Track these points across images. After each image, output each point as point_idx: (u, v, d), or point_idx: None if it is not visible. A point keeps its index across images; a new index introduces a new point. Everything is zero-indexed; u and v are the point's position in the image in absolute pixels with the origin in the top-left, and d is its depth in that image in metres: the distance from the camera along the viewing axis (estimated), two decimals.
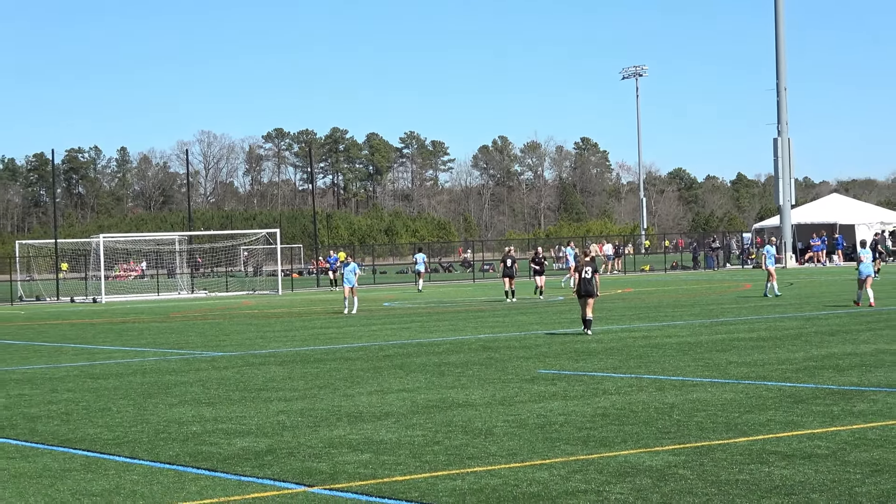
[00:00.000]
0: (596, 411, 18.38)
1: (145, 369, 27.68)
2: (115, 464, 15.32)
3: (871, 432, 15.73)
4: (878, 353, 25.81)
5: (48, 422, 19.38)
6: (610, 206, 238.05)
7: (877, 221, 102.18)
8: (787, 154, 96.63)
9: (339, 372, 25.56)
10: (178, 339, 37.45)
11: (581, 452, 14.92)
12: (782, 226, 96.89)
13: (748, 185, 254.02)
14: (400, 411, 19.16)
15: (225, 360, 29.25)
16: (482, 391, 21.36)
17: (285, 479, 13.89)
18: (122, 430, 18.19)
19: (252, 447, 16.14)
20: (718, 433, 16.02)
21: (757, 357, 25.69)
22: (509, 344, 31.13)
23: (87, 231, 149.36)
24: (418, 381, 23.36)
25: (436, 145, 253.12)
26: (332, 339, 34.66)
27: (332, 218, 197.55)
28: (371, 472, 14.09)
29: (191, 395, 22.36)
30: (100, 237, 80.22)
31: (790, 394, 19.77)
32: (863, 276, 41.03)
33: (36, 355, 32.75)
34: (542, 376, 23.42)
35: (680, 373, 23.27)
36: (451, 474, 13.83)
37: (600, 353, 27.81)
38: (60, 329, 44.98)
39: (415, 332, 36.74)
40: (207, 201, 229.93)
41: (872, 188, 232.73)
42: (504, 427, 17.14)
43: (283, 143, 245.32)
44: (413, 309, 50.80)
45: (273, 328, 40.93)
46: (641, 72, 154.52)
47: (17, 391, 23.84)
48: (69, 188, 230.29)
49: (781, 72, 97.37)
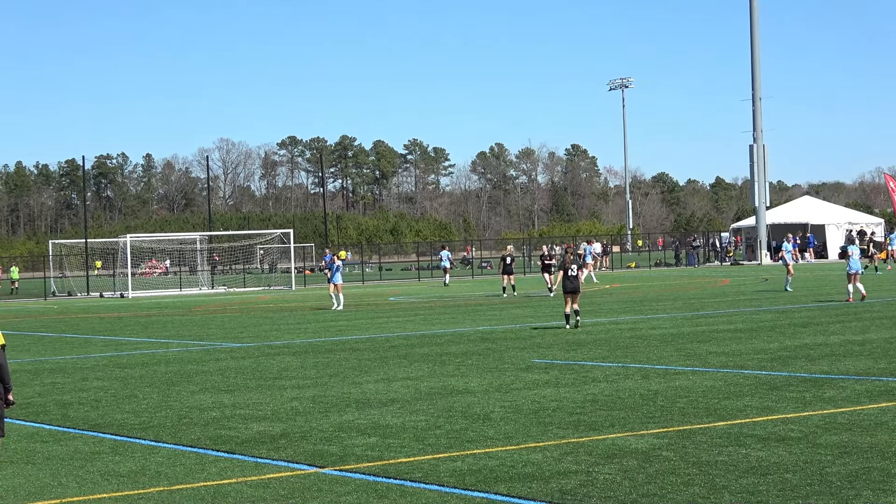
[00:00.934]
0: (586, 398, 18.36)
1: (169, 359, 27.66)
2: (141, 447, 15.31)
3: (840, 417, 15.71)
4: (847, 343, 25.78)
5: (79, 408, 19.37)
6: (598, 207, 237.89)
7: (845, 222, 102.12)
8: (762, 159, 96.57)
9: (347, 361, 25.54)
10: (199, 331, 37.42)
11: (572, 436, 14.90)
12: (758, 226, 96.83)
13: (726, 188, 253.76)
14: (404, 398, 19.14)
15: (242, 351, 29.22)
16: (480, 379, 21.33)
17: (298, 461, 13.88)
18: (148, 415, 18.18)
19: (268, 431, 16.12)
20: (699, 418, 16.00)
21: (735, 347, 25.66)
22: (506, 335, 31.09)
23: (114, 231, 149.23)
24: (421, 369, 23.34)
25: (437, 152, 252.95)
26: (341, 332, 34.62)
27: (342, 219, 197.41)
28: (378, 455, 14.08)
29: (211, 383, 22.34)
30: (127, 237, 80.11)
31: (765, 381, 19.75)
32: (852, 271, 40.92)
33: (68, 346, 32.73)
34: (536, 365, 23.40)
35: (663, 362, 23.24)
36: (452, 456, 13.81)
37: (590, 343, 27.78)
38: (90, 322, 44.94)
39: (418, 324, 36.70)
40: (226, 204, 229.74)
41: (841, 191, 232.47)
42: (501, 412, 17.12)
43: (296, 150, 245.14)
44: (416, 303, 50.76)
45: (287, 321, 40.89)
46: (627, 83, 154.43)
47: (51, 380, 23.82)
48: (98, 192, 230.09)
49: (757, 83, 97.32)
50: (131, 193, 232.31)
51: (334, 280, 46.97)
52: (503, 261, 54.88)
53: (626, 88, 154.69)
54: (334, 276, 47.04)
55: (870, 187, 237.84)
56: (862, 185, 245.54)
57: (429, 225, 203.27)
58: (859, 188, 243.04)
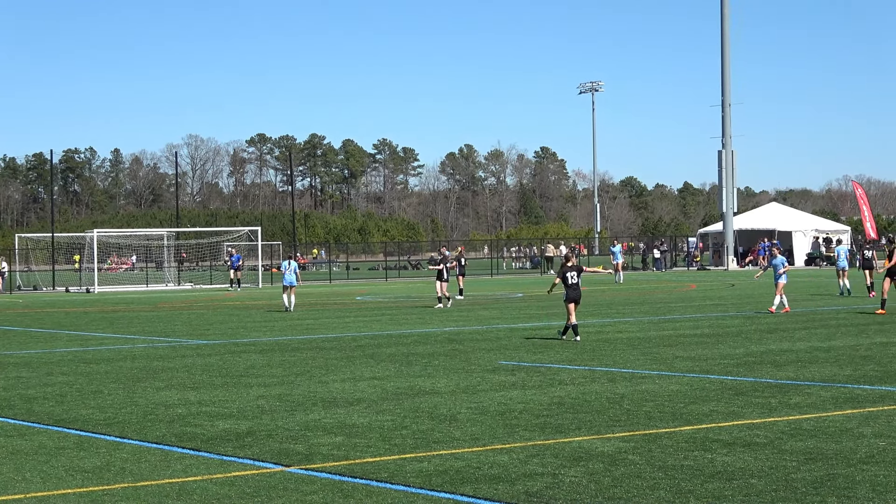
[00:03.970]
0: (552, 400, 18.37)
1: (135, 355, 27.56)
2: (106, 443, 15.24)
3: (805, 423, 15.77)
4: (813, 350, 25.88)
5: (44, 403, 19.27)
6: (566, 210, 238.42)
7: (812, 229, 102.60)
8: (731, 165, 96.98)
9: (314, 360, 25.50)
10: (165, 327, 37.30)
11: (538, 438, 14.90)
12: (725, 231, 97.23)
13: (694, 194, 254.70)
14: (371, 398, 19.11)
15: (209, 348, 29.14)
16: (447, 380, 21.33)
17: (264, 459, 13.84)
18: (113, 411, 18.10)
19: (233, 429, 16.07)
20: (665, 422, 16.03)
21: (701, 352, 25.72)
22: (473, 337, 31.10)
23: (81, 226, 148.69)
24: (388, 369, 23.31)
25: (406, 152, 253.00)
26: (308, 330, 34.57)
27: (310, 218, 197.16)
28: (344, 454, 14.05)
29: (177, 379, 22.26)
30: (93, 232, 79.79)
31: (731, 386, 19.80)
32: (839, 267, 42.08)
33: (33, 341, 32.57)
34: (502, 367, 23.40)
35: (630, 365, 23.28)
36: (418, 456, 13.80)
37: (556, 346, 27.80)
38: (56, 317, 44.75)
39: (385, 324, 36.67)
40: (194, 200, 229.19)
41: (808, 198, 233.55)
42: (467, 413, 17.11)
43: (265, 148, 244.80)
44: (383, 303, 50.71)
45: (253, 319, 40.81)
46: (598, 87, 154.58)
47: (15, 374, 23.70)
48: (66, 186, 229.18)
49: (726, 89, 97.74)
50: (99, 188, 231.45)
51: (291, 282, 44.42)
52: (458, 262, 52.52)
53: (596, 92, 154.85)
54: (291, 278, 44.41)
55: (837, 195, 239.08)
56: (829, 193, 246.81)
57: (397, 225, 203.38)
58: (826, 195, 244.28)
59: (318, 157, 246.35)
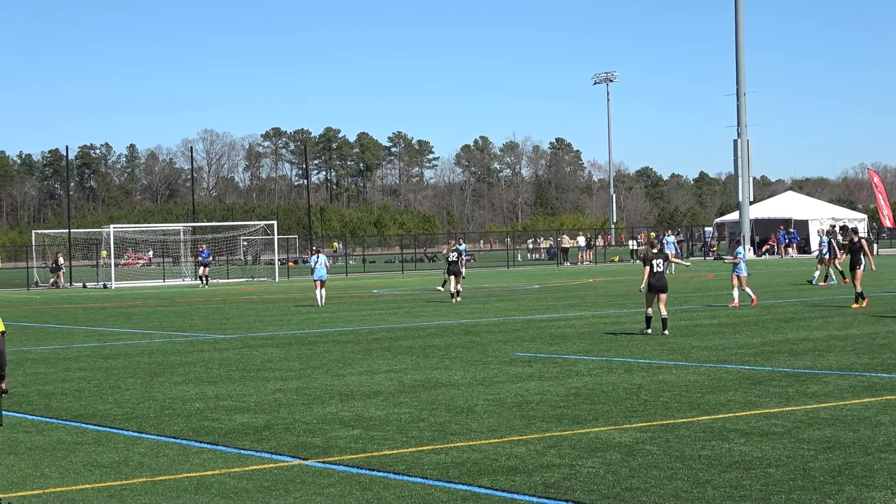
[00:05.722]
0: (569, 391, 18.37)
1: (152, 350, 27.61)
2: (124, 438, 15.27)
3: (823, 412, 15.74)
4: (830, 338, 25.83)
5: (62, 398, 19.32)
6: (582, 201, 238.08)
7: (828, 217, 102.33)
8: (746, 154, 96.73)
9: (331, 353, 25.52)
10: (182, 322, 37.36)
11: (555, 429, 14.90)
12: (741, 221, 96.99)
13: (710, 183, 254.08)
14: (388, 390, 19.13)
15: (226, 343, 29.18)
16: (464, 372, 21.33)
17: (282, 453, 13.86)
18: (131, 406, 18.14)
19: (251, 423, 16.10)
20: (682, 412, 16.01)
21: (718, 342, 25.69)
22: (489, 328, 31.10)
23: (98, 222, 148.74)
24: (405, 362, 23.33)
25: (422, 144, 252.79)
26: (325, 324, 34.59)
27: (326, 211, 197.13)
28: (361, 447, 14.06)
29: (194, 374, 22.31)
30: (110, 228, 79.95)
31: (748, 376, 19.78)
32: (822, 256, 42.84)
33: (50, 337, 32.65)
34: (519, 359, 23.41)
35: (647, 356, 23.26)
36: (436, 449, 13.81)
37: (573, 337, 27.79)
38: (73, 313, 44.84)
39: (402, 317, 36.69)
40: (210, 195, 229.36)
41: (825, 186, 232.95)
42: (484, 405, 17.11)
43: (280, 142, 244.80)
44: (400, 296, 50.72)
45: (270, 313, 40.85)
46: (612, 77, 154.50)
47: (33, 370, 23.76)
48: (82, 182, 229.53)
49: (741, 78, 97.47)
50: (115, 184, 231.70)
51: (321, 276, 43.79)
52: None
53: (610, 82, 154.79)
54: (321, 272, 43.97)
55: (853, 183, 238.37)
56: (845, 181, 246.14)
57: (412, 217, 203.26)
58: (843, 184, 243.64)
59: (333, 151, 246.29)
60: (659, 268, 27.52)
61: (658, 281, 27.40)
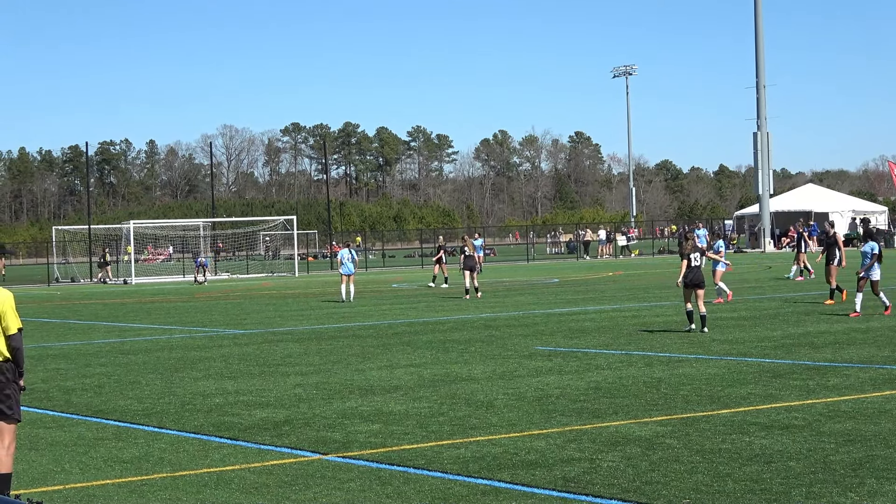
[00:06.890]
0: (589, 385, 18.35)
1: (172, 346, 27.67)
2: (144, 433, 15.31)
3: (843, 405, 15.70)
4: (850, 331, 25.77)
5: (82, 394, 19.37)
6: (602, 195, 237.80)
7: (849, 210, 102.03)
8: (766, 147, 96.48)
9: (351, 348, 25.54)
10: (202, 317, 37.43)
11: (575, 423, 14.89)
12: (762, 214, 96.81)
13: (730, 176, 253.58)
14: (407, 385, 19.13)
15: (246, 338, 29.23)
16: (483, 366, 21.33)
17: (301, 448, 13.87)
18: (151, 401, 18.18)
19: (271, 418, 16.12)
20: (703, 405, 15.99)
21: (738, 335, 25.64)
22: (509, 322, 31.09)
23: (118, 218, 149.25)
24: (424, 356, 23.33)
25: (441, 138, 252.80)
26: (344, 318, 34.62)
27: (345, 206, 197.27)
28: (381, 441, 14.07)
29: (214, 369, 22.34)
30: (130, 223, 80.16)
31: (769, 369, 19.73)
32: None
33: (71, 332, 32.74)
34: (539, 352, 23.39)
35: (667, 349, 23.22)
36: (455, 443, 13.81)
37: (593, 331, 27.76)
38: (93, 308, 44.96)
39: (421, 311, 36.70)
40: (229, 190, 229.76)
41: (845, 179, 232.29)
42: (504, 399, 17.11)
43: (299, 137, 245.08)
44: (419, 290, 50.74)
45: (290, 308, 40.90)
46: (631, 71, 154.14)
47: (54, 366, 23.83)
48: (102, 178, 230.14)
49: (761, 71, 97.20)
50: (134, 180, 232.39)
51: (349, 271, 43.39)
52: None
53: (629, 76, 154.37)
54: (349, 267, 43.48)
55: (873, 175, 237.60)
56: (866, 173, 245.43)
57: (432, 212, 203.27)
58: (863, 176, 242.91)
59: (352, 146, 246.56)
60: (696, 262, 27.02)
61: (695, 276, 26.88)
